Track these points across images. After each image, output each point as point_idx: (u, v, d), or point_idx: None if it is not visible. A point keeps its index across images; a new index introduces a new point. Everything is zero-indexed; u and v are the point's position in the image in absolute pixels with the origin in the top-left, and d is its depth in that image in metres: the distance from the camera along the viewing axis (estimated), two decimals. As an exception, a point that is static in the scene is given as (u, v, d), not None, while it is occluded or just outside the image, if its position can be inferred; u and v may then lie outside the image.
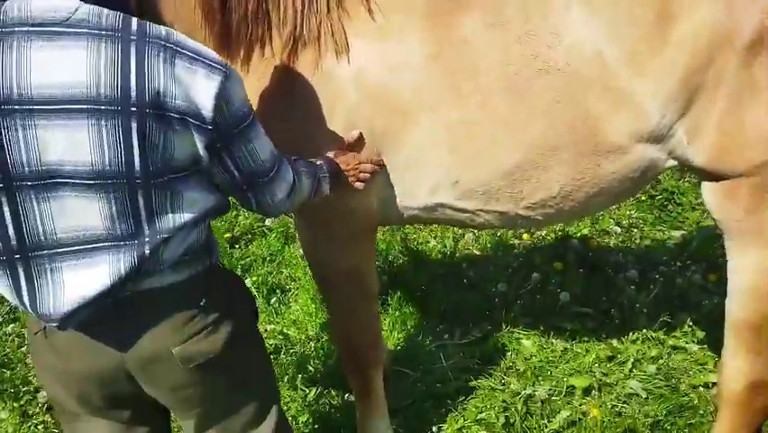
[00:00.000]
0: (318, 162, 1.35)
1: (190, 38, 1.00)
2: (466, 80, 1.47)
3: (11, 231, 0.94)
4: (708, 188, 1.54)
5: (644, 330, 2.50)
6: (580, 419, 2.13)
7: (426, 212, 1.69)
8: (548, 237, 3.41)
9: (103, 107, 0.89)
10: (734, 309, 1.62)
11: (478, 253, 3.36)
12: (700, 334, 2.47)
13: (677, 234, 3.45)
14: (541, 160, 1.50)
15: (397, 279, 2.96)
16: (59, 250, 0.97)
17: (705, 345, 2.41)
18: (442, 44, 1.47)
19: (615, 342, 2.48)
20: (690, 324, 2.51)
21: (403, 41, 1.48)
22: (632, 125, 1.44)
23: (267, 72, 1.51)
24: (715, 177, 1.49)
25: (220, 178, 1.07)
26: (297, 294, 2.99)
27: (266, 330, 2.70)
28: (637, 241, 3.42)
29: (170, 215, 1.00)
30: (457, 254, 3.36)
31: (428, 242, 3.52)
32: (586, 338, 2.50)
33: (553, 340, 2.51)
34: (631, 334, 2.49)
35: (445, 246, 3.44)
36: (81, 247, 0.97)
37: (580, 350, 2.45)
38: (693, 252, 3.12)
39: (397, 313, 2.69)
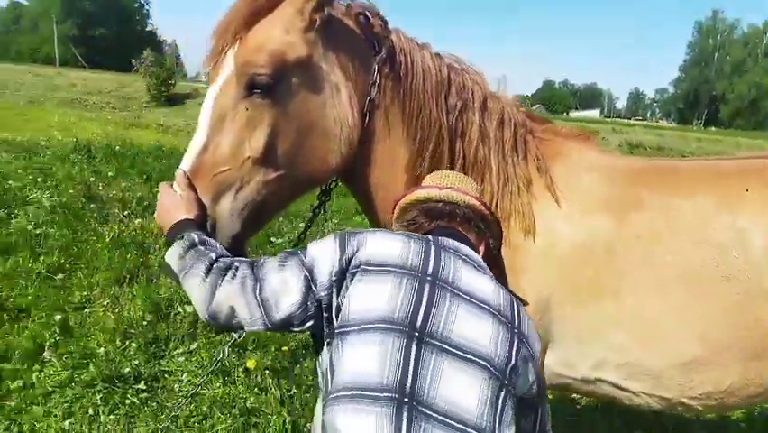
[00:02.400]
0: None
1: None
2: (643, 272, 1.61)
3: (410, 376, 1.07)
4: None
5: None
6: None
7: (583, 384, 1.76)
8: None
9: (501, 318, 1.21)
10: None
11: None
12: None
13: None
14: (715, 356, 1.58)
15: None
16: (433, 414, 1.05)
17: None
18: (619, 237, 1.64)
19: None
20: None
21: (584, 229, 1.66)
22: None
23: None
24: None
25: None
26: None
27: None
28: None
29: (505, 427, 1.13)
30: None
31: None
32: None
33: None
34: None
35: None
36: (451, 422, 1.06)
37: None
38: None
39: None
